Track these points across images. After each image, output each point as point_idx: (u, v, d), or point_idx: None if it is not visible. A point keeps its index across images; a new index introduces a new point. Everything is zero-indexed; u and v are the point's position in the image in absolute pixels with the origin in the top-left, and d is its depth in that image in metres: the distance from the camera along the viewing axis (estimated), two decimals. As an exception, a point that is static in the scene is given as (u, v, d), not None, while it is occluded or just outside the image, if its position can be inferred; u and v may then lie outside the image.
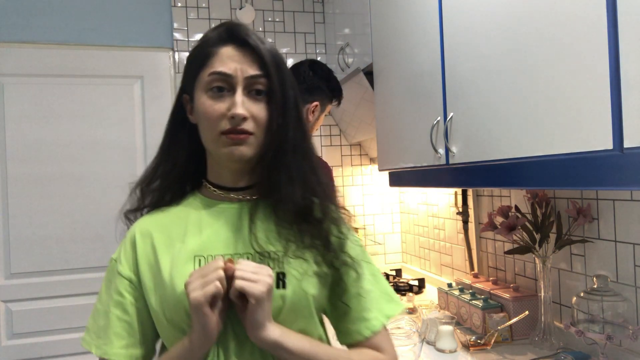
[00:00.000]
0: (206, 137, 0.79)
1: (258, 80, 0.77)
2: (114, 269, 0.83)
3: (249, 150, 0.77)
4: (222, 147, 0.77)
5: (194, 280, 0.69)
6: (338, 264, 0.80)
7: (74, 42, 2.27)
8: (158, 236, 0.81)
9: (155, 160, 0.87)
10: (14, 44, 2.20)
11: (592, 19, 0.82)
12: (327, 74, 1.79)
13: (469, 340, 1.42)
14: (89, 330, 0.81)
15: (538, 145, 0.97)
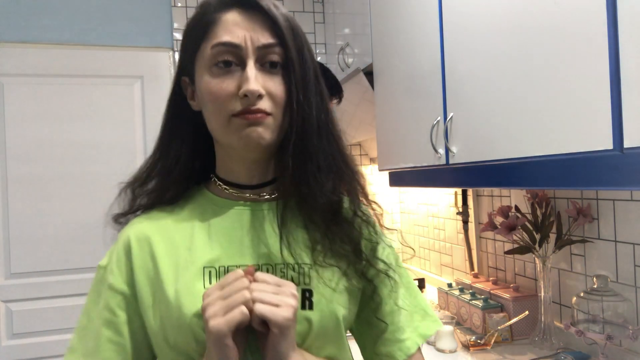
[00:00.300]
0: (214, 124, 0.65)
1: (272, 50, 0.63)
2: (104, 279, 0.68)
3: (267, 133, 0.63)
4: (234, 133, 0.63)
5: (214, 303, 0.56)
6: (372, 275, 0.68)
7: (74, 42, 2.27)
8: (158, 242, 0.67)
9: (152, 157, 0.74)
10: (14, 44, 2.20)
11: (592, 19, 0.82)
12: (323, 70, 1.78)
13: (469, 340, 1.42)
14: (74, 351, 0.69)
15: (538, 145, 0.97)
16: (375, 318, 0.71)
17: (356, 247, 0.66)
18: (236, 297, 0.56)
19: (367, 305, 0.71)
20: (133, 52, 2.34)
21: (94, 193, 2.26)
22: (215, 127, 0.66)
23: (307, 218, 0.66)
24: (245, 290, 0.56)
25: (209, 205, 0.70)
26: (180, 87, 0.72)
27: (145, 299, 0.65)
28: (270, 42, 0.63)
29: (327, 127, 0.67)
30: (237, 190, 0.70)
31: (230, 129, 0.63)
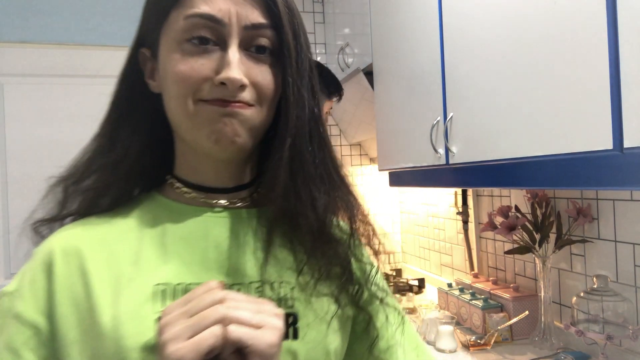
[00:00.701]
0: (177, 111, 0.52)
1: (262, 32, 0.51)
2: (10, 309, 0.49)
3: (245, 129, 0.51)
4: (202, 125, 0.50)
5: (176, 322, 0.41)
6: (365, 302, 0.56)
7: (74, 42, 2.27)
8: (92, 255, 0.51)
9: (91, 147, 0.58)
10: (14, 44, 2.20)
11: (592, 19, 0.82)
12: (318, 68, 1.77)
13: (469, 340, 1.42)
14: None
15: (538, 145, 0.97)
16: (369, 355, 0.58)
17: (347, 269, 0.55)
18: (207, 313, 0.41)
19: (359, 339, 0.58)
20: (133, 52, 2.34)
21: (94, 193, 2.26)
22: (178, 115, 0.52)
23: (292, 235, 0.53)
24: (220, 305, 0.42)
25: (163, 212, 0.55)
26: (138, 61, 0.58)
27: (68, 332, 0.47)
28: (261, 22, 0.50)
29: (318, 130, 0.55)
30: (203, 194, 0.55)
31: (197, 118, 0.50)
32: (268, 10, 0.51)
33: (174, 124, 0.54)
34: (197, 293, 0.43)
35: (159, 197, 0.57)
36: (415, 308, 1.80)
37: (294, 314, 0.51)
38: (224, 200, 0.56)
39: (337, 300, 0.54)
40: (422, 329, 1.50)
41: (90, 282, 0.49)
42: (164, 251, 0.52)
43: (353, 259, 0.56)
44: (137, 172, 0.57)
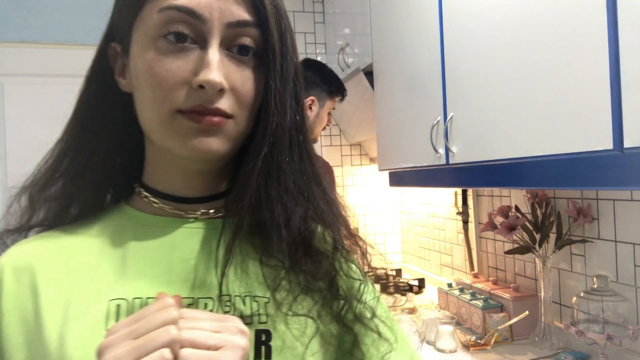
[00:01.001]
0: (149, 118, 0.47)
1: (246, 31, 0.47)
2: None
3: (222, 145, 0.47)
4: (177, 137, 0.46)
5: (118, 344, 0.36)
6: (350, 319, 0.50)
7: (73, 42, 2.27)
8: (45, 271, 0.47)
9: (56, 151, 0.56)
10: (14, 44, 2.20)
11: (592, 19, 0.82)
12: (319, 68, 1.77)
13: (469, 340, 1.42)
14: None
15: (538, 145, 0.97)
16: None
17: (332, 282, 0.50)
18: (156, 335, 0.36)
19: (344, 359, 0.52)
20: (133, 52, 2.34)
21: (94, 193, 2.26)
22: (151, 122, 0.47)
23: (267, 249, 0.49)
24: (172, 325, 0.37)
25: (128, 223, 0.51)
26: (107, 56, 0.54)
27: (15, 353, 0.44)
28: (245, 19, 0.46)
29: (299, 139, 0.51)
30: (171, 205, 0.51)
31: (172, 129, 0.46)
32: (254, 7, 0.47)
33: (146, 128, 0.49)
34: (148, 311, 0.38)
35: (126, 207, 0.53)
36: (415, 308, 1.80)
37: (267, 331, 0.46)
38: (198, 211, 0.52)
39: (319, 317, 0.49)
40: (422, 329, 1.50)
41: (40, 301, 0.45)
42: (123, 265, 0.48)
43: (340, 274, 0.51)
44: (106, 180, 0.54)
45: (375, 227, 2.65)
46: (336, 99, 1.81)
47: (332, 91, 1.78)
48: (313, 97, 1.72)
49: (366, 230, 2.63)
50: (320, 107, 1.75)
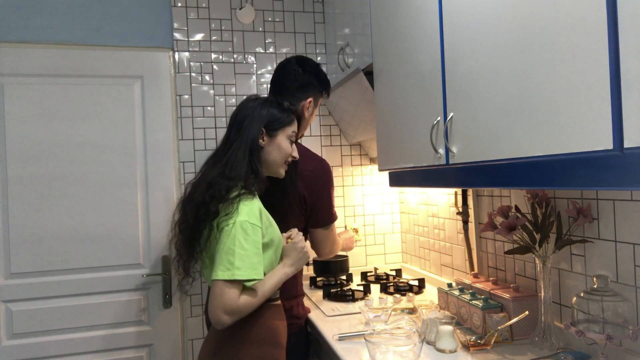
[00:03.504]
0: (276, 161, 1.45)
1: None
2: (254, 225, 1.31)
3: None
4: (283, 169, 1.48)
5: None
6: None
7: (74, 42, 2.27)
8: (265, 212, 1.40)
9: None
10: (14, 44, 2.20)
11: (592, 19, 0.82)
12: (315, 68, 1.79)
13: (469, 340, 1.42)
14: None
15: (538, 145, 0.97)
16: None
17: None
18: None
19: None
20: (133, 52, 2.34)
21: (94, 193, 2.26)
22: (275, 161, 1.46)
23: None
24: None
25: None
26: (260, 130, 1.42)
27: (275, 230, 1.43)
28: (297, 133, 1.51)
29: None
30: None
31: (281, 168, 1.49)
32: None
33: (269, 161, 1.44)
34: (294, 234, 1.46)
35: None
36: (415, 308, 1.80)
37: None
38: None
39: None
40: (422, 329, 1.50)
41: (270, 220, 1.40)
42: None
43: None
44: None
45: (375, 227, 2.65)
46: (324, 96, 1.85)
47: (325, 90, 1.82)
48: (311, 98, 1.74)
49: (366, 230, 2.64)
50: (314, 106, 1.79)
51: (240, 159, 1.35)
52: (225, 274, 1.22)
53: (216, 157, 1.40)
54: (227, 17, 2.45)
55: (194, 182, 1.41)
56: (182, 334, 2.37)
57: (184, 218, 1.37)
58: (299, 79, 1.73)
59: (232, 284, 1.23)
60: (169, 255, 2.33)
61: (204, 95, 2.41)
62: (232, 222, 1.26)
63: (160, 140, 2.35)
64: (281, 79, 1.77)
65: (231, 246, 1.24)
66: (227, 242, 1.24)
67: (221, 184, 1.30)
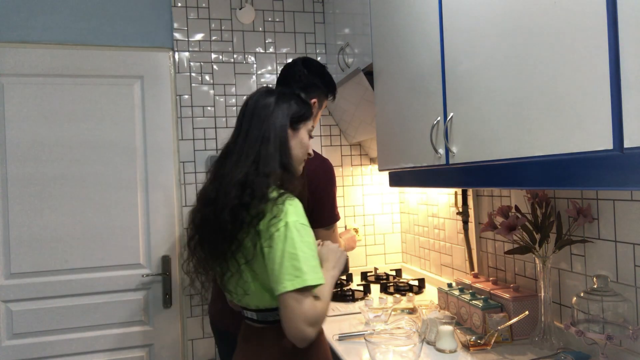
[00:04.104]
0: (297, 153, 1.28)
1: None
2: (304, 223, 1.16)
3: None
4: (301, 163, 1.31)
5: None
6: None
7: (74, 42, 2.27)
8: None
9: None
10: (14, 44, 2.20)
11: (592, 19, 0.82)
12: (320, 69, 1.78)
13: (469, 340, 1.42)
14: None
15: (538, 146, 0.97)
16: None
17: None
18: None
19: None
20: (133, 52, 2.34)
21: (94, 193, 2.26)
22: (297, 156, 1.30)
23: None
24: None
25: None
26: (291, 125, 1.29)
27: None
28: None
29: None
30: None
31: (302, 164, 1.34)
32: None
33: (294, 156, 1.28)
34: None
35: None
36: (415, 308, 1.80)
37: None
38: None
39: None
40: (422, 329, 1.50)
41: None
42: None
43: None
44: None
45: (375, 227, 2.65)
46: (330, 98, 1.83)
47: (329, 91, 1.80)
48: (315, 99, 1.74)
49: (366, 230, 2.64)
50: (319, 108, 1.77)
51: (272, 152, 1.20)
52: (294, 282, 1.05)
53: (238, 154, 1.21)
54: (227, 17, 2.45)
55: (211, 185, 1.23)
56: (182, 334, 2.37)
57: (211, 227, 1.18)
58: (303, 79, 1.73)
59: (304, 292, 1.07)
60: (169, 255, 2.33)
61: (204, 95, 2.41)
62: (282, 225, 1.10)
63: (160, 140, 2.35)
64: (286, 80, 1.76)
65: (292, 250, 1.08)
66: (286, 246, 1.08)
67: (260, 182, 1.15)
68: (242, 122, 1.26)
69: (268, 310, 1.21)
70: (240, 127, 1.25)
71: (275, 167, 1.18)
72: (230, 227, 1.14)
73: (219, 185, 1.19)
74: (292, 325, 1.07)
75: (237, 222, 1.13)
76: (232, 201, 1.13)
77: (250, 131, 1.22)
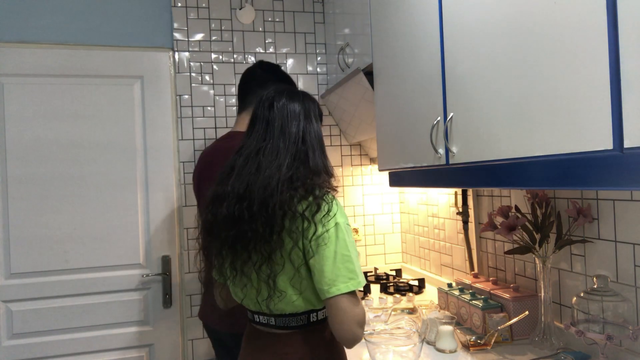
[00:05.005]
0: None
1: None
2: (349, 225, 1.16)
3: None
4: None
5: None
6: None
7: (74, 42, 2.27)
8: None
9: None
10: (14, 44, 2.20)
11: (592, 19, 0.82)
12: (273, 68, 1.89)
13: (469, 340, 1.42)
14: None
15: (538, 145, 0.97)
16: None
17: None
18: None
19: None
20: (133, 52, 2.34)
21: (94, 193, 2.26)
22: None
23: None
24: None
25: None
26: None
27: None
28: None
29: None
30: None
31: None
32: None
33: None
34: None
35: None
36: (415, 308, 1.80)
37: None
38: None
39: None
40: (422, 329, 1.50)
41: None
42: None
43: None
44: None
45: (375, 227, 2.65)
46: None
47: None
48: None
49: (366, 230, 2.64)
50: None
51: (316, 149, 1.18)
52: (348, 285, 1.06)
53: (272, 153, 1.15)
54: (227, 17, 2.45)
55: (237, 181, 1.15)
56: (182, 334, 2.37)
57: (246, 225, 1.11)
58: (258, 78, 1.84)
59: (354, 295, 1.09)
60: (169, 255, 2.33)
61: (204, 95, 2.41)
62: (333, 225, 1.09)
63: (160, 140, 2.35)
64: (246, 79, 1.87)
65: (345, 252, 1.08)
66: (339, 248, 1.07)
67: (308, 178, 1.12)
68: (270, 121, 1.19)
69: (292, 315, 1.17)
70: (269, 127, 1.18)
71: (320, 165, 1.16)
72: (278, 220, 1.08)
73: (250, 180, 1.12)
74: (345, 327, 1.06)
75: (286, 215, 1.08)
76: (281, 195, 1.08)
77: (285, 131, 1.17)
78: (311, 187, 1.11)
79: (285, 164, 1.12)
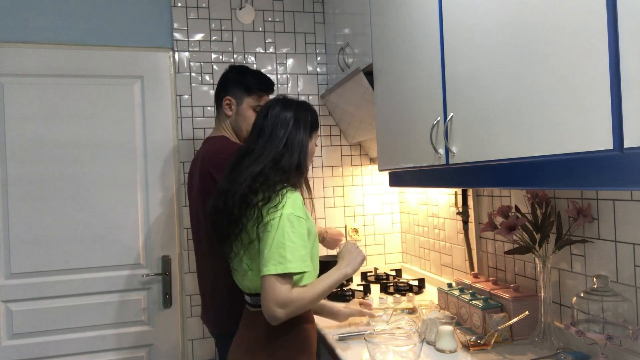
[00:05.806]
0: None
1: None
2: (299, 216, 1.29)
3: None
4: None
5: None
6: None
7: (73, 42, 2.27)
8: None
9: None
10: (14, 44, 2.20)
11: (592, 19, 0.82)
12: (239, 67, 1.91)
13: (469, 340, 1.42)
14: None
15: (538, 145, 0.97)
16: None
17: None
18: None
19: None
20: (133, 52, 2.34)
21: (94, 193, 2.26)
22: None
23: None
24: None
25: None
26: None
27: (312, 225, 1.38)
28: None
29: None
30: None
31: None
32: None
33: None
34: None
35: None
36: (415, 308, 1.80)
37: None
38: None
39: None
40: (422, 329, 1.50)
41: (307, 212, 1.34)
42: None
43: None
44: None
45: (375, 227, 2.65)
46: (258, 95, 1.88)
47: (249, 87, 1.85)
48: (229, 97, 1.85)
49: (366, 230, 2.64)
50: (238, 104, 1.86)
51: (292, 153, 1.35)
52: (277, 267, 1.21)
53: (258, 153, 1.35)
54: (227, 17, 2.45)
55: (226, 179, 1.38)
56: (182, 334, 2.37)
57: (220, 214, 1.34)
58: (221, 79, 1.89)
59: (283, 278, 1.22)
60: (169, 255, 2.33)
61: (204, 95, 2.41)
62: (278, 215, 1.25)
63: (160, 140, 2.35)
64: (221, 81, 1.91)
65: (281, 239, 1.23)
66: (277, 235, 1.24)
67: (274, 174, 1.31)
68: (262, 128, 1.39)
69: (259, 294, 1.31)
70: (261, 132, 1.39)
71: (292, 165, 1.34)
72: (236, 210, 1.29)
73: (234, 177, 1.35)
74: (264, 304, 1.22)
75: (244, 205, 1.28)
76: (244, 189, 1.29)
77: (273, 135, 1.37)
78: (273, 183, 1.29)
79: (264, 164, 1.32)
